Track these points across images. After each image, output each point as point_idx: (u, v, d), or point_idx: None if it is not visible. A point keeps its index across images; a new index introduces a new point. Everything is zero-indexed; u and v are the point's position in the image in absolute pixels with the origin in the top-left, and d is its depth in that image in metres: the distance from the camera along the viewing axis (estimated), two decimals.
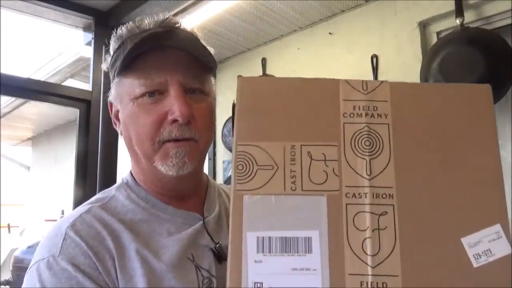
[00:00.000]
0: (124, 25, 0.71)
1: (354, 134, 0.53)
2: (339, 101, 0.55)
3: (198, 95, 0.69)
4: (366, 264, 0.48)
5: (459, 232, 0.50)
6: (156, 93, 0.66)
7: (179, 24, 0.71)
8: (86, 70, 2.72)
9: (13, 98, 3.32)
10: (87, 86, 2.11)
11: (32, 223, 4.80)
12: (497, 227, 0.50)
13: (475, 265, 0.48)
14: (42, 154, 4.69)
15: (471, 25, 1.57)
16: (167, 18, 0.71)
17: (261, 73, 2.31)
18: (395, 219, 0.50)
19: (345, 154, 0.53)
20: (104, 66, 0.75)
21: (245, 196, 0.51)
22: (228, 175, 2.43)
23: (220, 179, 2.49)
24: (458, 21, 1.52)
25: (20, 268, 2.70)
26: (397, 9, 1.79)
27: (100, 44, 2.08)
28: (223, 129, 2.47)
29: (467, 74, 1.42)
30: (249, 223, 0.50)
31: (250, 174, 0.52)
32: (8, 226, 4.82)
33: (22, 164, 5.22)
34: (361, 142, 0.53)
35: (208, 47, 0.72)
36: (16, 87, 1.90)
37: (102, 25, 2.08)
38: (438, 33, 1.71)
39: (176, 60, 0.67)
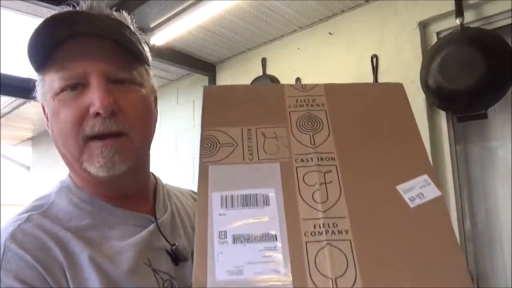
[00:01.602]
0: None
1: (298, 118, 0.64)
2: (284, 97, 0.67)
3: (128, 85, 0.63)
4: (317, 210, 0.55)
5: (394, 182, 0.58)
6: (78, 86, 0.60)
7: (102, 10, 0.64)
8: None
9: (13, 98, 3.31)
10: None
11: None
12: (425, 177, 0.59)
13: (411, 205, 0.56)
14: (42, 154, 4.68)
15: (471, 25, 1.57)
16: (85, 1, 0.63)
17: (261, 73, 2.31)
18: (338, 175, 0.58)
19: (292, 132, 0.63)
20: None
21: (210, 165, 0.59)
22: None
23: None
24: (458, 21, 1.52)
25: None
26: (397, 9, 1.79)
27: None
28: None
29: (467, 74, 1.42)
30: (214, 185, 0.57)
31: (214, 150, 0.61)
32: None
33: (22, 164, 5.21)
34: (304, 123, 0.64)
35: (142, 36, 0.67)
36: (16, 87, 1.90)
37: None
38: (438, 33, 1.71)
39: (97, 48, 0.60)
